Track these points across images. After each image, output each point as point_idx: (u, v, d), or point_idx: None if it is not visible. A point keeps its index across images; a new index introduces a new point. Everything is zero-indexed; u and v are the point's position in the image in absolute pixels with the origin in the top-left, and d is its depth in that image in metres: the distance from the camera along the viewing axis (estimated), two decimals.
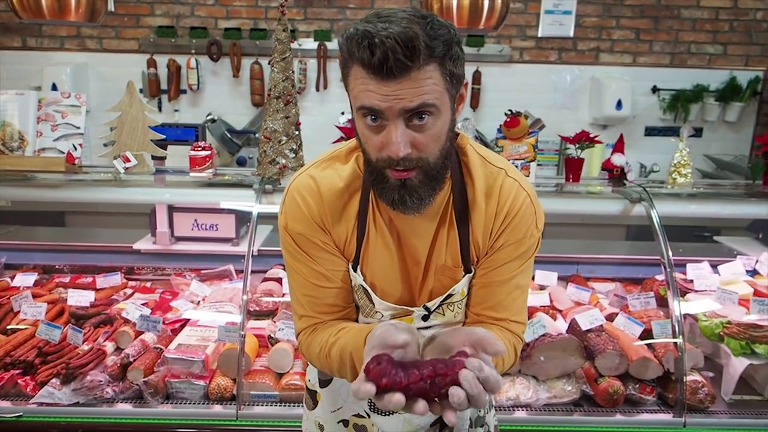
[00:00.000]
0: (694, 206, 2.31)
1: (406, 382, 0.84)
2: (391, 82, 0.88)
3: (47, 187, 2.26)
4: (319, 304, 1.12)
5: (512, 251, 1.07)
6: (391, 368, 0.84)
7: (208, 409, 1.86)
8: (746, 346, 1.94)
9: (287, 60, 2.18)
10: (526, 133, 2.16)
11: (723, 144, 4.40)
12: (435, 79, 0.90)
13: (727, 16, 4.25)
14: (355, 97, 0.93)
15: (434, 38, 0.88)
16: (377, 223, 1.08)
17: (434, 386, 0.84)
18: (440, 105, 0.92)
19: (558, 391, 1.93)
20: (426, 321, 1.11)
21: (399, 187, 0.96)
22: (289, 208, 1.09)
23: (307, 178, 1.09)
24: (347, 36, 0.90)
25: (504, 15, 2.11)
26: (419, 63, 0.88)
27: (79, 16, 1.94)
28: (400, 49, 0.85)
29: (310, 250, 1.09)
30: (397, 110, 0.89)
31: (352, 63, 0.91)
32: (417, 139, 0.93)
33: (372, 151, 0.96)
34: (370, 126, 0.93)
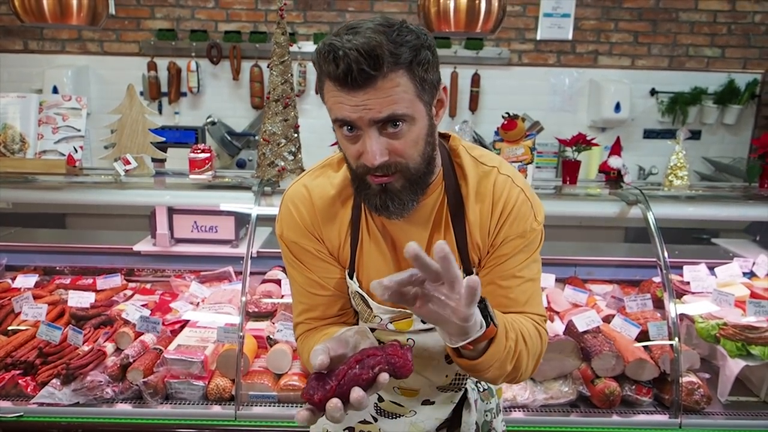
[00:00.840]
0: (690, 208, 2.33)
1: (336, 383, 0.84)
2: (358, 92, 0.89)
3: (48, 189, 2.27)
4: (313, 312, 1.14)
5: (515, 246, 1.06)
6: (318, 382, 0.84)
7: (207, 409, 1.88)
8: (742, 348, 1.95)
9: (286, 63, 2.20)
10: (523, 136, 2.17)
11: (721, 146, 4.41)
12: (404, 86, 0.90)
13: (725, 19, 4.27)
14: (329, 110, 0.95)
15: (400, 45, 0.89)
16: (370, 229, 1.10)
17: (364, 367, 0.84)
18: (412, 112, 0.93)
19: (555, 392, 1.94)
20: (425, 323, 1.12)
21: (380, 192, 0.98)
22: (283, 217, 1.12)
23: (300, 187, 1.11)
24: (317, 50, 0.92)
25: (501, 18, 2.12)
26: (383, 71, 0.88)
27: (80, 20, 1.96)
28: (363, 59, 0.86)
29: (304, 258, 1.11)
30: (368, 120, 0.91)
31: (324, 77, 0.93)
32: (394, 146, 0.94)
33: (351, 160, 0.98)
34: (347, 136, 0.95)
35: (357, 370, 0.85)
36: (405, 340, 1.14)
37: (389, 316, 1.12)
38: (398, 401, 1.21)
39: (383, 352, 0.87)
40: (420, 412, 1.22)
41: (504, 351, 0.95)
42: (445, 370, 1.19)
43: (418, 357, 1.15)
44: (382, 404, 1.23)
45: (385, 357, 0.87)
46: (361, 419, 1.26)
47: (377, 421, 1.24)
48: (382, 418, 1.24)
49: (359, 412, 1.22)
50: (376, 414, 1.24)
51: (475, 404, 1.23)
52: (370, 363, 0.86)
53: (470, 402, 1.22)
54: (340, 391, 0.83)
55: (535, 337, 1.03)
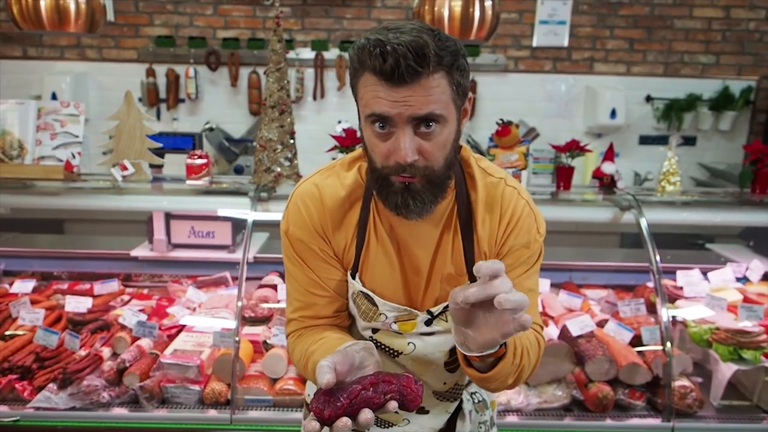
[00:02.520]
0: (683, 214, 2.35)
1: (348, 402, 0.84)
2: (402, 88, 0.91)
3: (46, 194, 2.29)
4: (309, 310, 1.14)
5: (519, 256, 1.09)
6: (330, 398, 0.85)
7: (202, 413, 1.89)
8: (734, 352, 1.96)
9: (282, 70, 2.22)
10: (518, 142, 2.20)
11: (716, 152, 4.44)
12: (443, 88, 0.93)
13: (719, 26, 4.30)
14: (365, 105, 0.96)
15: (442, 48, 0.92)
16: (378, 231, 1.11)
17: (377, 392, 0.85)
18: (447, 114, 0.96)
19: (549, 396, 1.96)
20: (429, 326, 1.13)
21: (403, 191, 0.99)
22: (291, 214, 1.12)
23: (311, 186, 1.12)
24: (358, 46, 0.94)
25: (495, 26, 2.15)
26: (429, 70, 0.91)
27: (78, 27, 1.98)
28: (411, 55, 0.89)
29: (307, 257, 1.12)
30: (406, 117, 0.93)
31: (363, 71, 0.95)
32: (424, 147, 0.96)
33: (379, 159, 0.99)
34: (378, 133, 0.96)
35: (370, 393, 0.86)
36: (406, 344, 1.15)
37: (394, 314, 1.12)
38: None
39: (398, 381, 0.88)
40: (414, 422, 1.22)
41: (510, 367, 0.99)
42: (443, 377, 1.19)
43: (418, 361, 1.17)
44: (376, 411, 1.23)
45: (399, 387, 0.88)
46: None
47: (370, 431, 1.24)
48: (375, 427, 1.24)
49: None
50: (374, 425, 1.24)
51: (470, 415, 1.23)
52: (384, 389, 0.87)
53: (465, 412, 1.23)
54: (350, 410, 0.85)
55: (535, 347, 1.08)
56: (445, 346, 1.16)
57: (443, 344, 1.16)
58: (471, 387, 1.27)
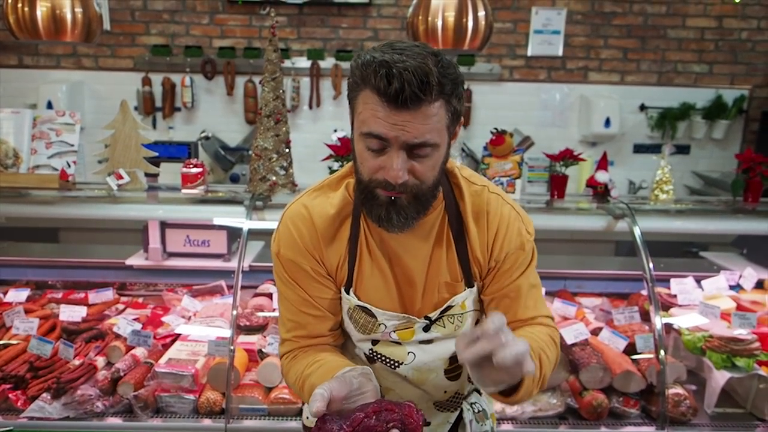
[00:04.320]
0: (675, 222, 2.36)
1: (350, 430, 0.86)
2: (403, 112, 0.93)
3: (41, 203, 2.29)
4: (302, 330, 1.15)
5: (516, 258, 1.13)
6: (333, 425, 0.86)
7: (197, 422, 1.88)
8: (727, 360, 1.97)
9: (277, 80, 2.23)
10: (512, 151, 2.21)
11: (710, 161, 4.47)
12: (440, 117, 0.96)
13: (712, 35, 4.35)
14: (362, 122, 0.97)
15: (444, 76, 0.95)
16: (369, 246, 1.12)
17: (380, 420, 0.86)
18: (440, 141, 0.99)
19: (543, 404, 1.96)
20: (427, 332, 1.15)
21: (387, 204, 1.01)
22: (282, 236, 1.14)
23: (300, 207, 1.13)
24: (363, 62, 0.95)
25: (488, 36, 2.17)
26: (431, 98, 0.93)
27: (74, 37, 1.99)
28: (416, 81, 0.91)
29: (300, 277, 1.13)
30: (402, 141, 0.95)
31: (364, 88, 0.96)
32: (416, 168, 0.98)
33: (366, 172, 1.01)
34: (372, 149, 0.98)
35: (373, 422, 0.87)
36: (406, 354, 1.16)
37: (394, 323, 1.13)
38: None
39: (400, 410, 0.90)
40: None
41: (533, 384, 1.02)
42: (444, 386, 1.20)
43: (418, 371, 1.17)
44: None
45: (401, 415, 0.89)
46: None
47: None
48: None
49: None
50: None
51: (470, 425, 1.24)
52: (387, 417, 0.88)
53: (465, 422, 1.23)
54: None
55: (551, 345, 1.11)
56: (444, 354, 1.17)
57: (443, 352, 1.17)
58: (471, 398, 1.27)
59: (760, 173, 2.31)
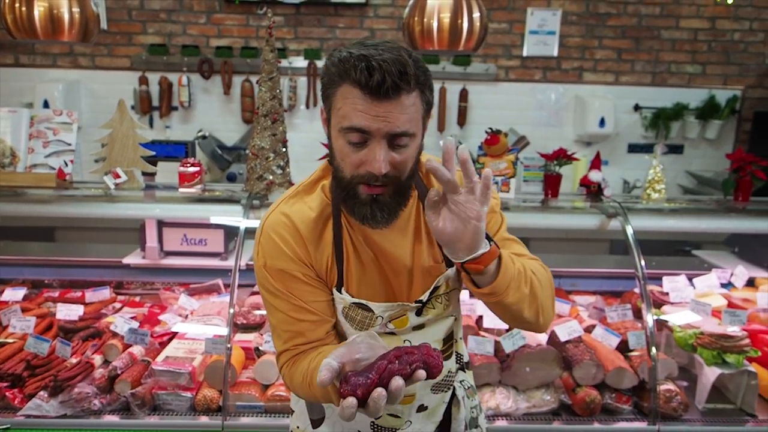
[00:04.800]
0: (667, 221, 2.39)
1: (377, 377, 0.88)
2: (384, 103, 0.96)
3: (38, 202, 2.30)
4: (300, 338, 1.14)
5: (490, 219, 1.16)
6: (359, 378, 0.88)
7: (194, 420, 1.90)
8: (718, 356, 2.00)
9: (274, 80, 2.25)
10: (506, 150, 2.23)
11: (704, 161, 4.50)
12: (417, 107, 1.00)
13: (705, 36, 4.38)
14: (343, 117, 0.99)
15: (418, 68, 0.99)
16: (354, 243, 1.14)
17: (403, 363, 0.90)
18: (417, 131, 1.02)
19: (537, 400, 1.98)
20: (420, 315, 1.18)
21: (371, 202, 1.03)
22: (266, 247, 1.12)
23: (279, 216, 1.13)
24: (339, 59, 0.98)
25: (483, 37, 2.19)
26: (409, 88, 0.97)
27: (72, 37, 2.00)
28: (396, 72, 0.94)
29: (291, 285, 1.12)
30: (384, 132, 0.97)
31: (342, 83, 0.98)
32: (395, 159, 1.01)
33: (348, 168, 1.02)
34: (353, 144, 1.00)
35: (397, 366, 0.89)
36: (402, 342, 1.18)
37: (389, 314, 1.16)
38: (395, 412, 1.23)
39: (419, 351, 0.93)
40: (416, 422, 1.25)
41: (515, 271, 1.03)
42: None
43: None
44: (378, 420, 1.24)
45: (421, 356, 0.92)
46: None
47: None
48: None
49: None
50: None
51: (463, 401, 1.28)
52: (409, 360, 0.90)
53: (459, 399, 1.27)
54: (381, 384, 0.88)
55: (539, 268, 1.13)
56: (437, 336, 1.21)
57: (435, 333, 1.21)
58: (459, 375, 1.30)
59: (750, 172, 2.34)
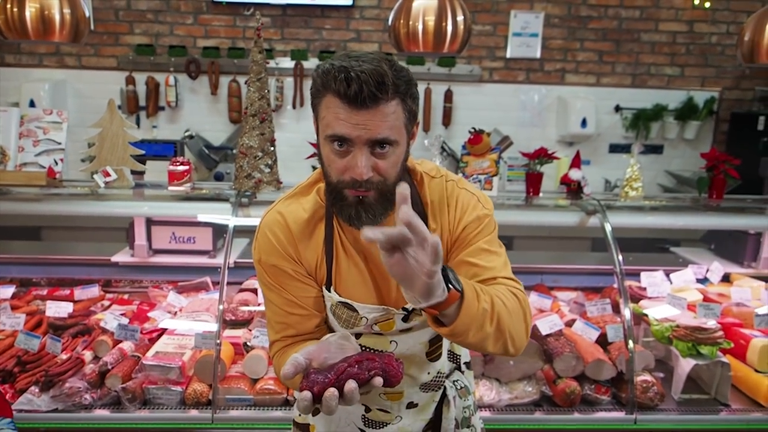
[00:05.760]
0: (644, 218, 2.47)
1: (335, 377, 0.94)
2: (362, 111, 1.01)
3: (28, 201, 2.31)
4: (290, 330, 1.22)
5: (473, 228, 1.18)
6: (318, 376, 0.95)
7: (184, 413, 1.93)
8: (692, 348, 2.08)
9: (263, 80, 2.29)
10: (489, 150, 2.30)
11: (683, 160, 4.62)
12: (397, 114, 1.04)
13: (683, 40, 4.50)
14: (326, 125, 1.05)
15: (399, 78, 1.03)
16: (344, 245, 1.20)
17: (362, 369, 0.95)
18: (399, 138, 1.07)
19: (519, 392, 2.04)
20: (406, 322, 1.22)
21: (356, 204, 1.09)
22: (261, 243, 1.21)
23: (275, 215, 1.21)
24: (323, 70, 1.04)
25: (467, 39, 2.25)
26: (387, 97, 1.02)
27: (63, 37, 2.02)
28: (373, 82, 0.99)
29: (283, 280, 1.20)
30: (365, 139, 1.03)
31: (326, 93, 1.04)
32: (379, 165, 1.06)
33: (334, 173, 1.08)
34: (336, 151, 1.06)
35: (356, 369, 0.95)
36: (389, 343, 1.23)
37: (374, 316, 1.20)
38: (384, 407, 1.29)
39: (380, 359, 0.98)
40: (405, 417, 1.30)
41: (478, 312, 0.99)
42: (426, 368, 1.28)
43: (401, 357, 1.23)
44: (369, 414, 1.30)
45: (381, 364, 0.98)
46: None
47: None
48: (370, 429, 1.31)
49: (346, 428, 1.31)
50: (364, 426, 1.31)
51: (454, 401, 1.32)
52: (368, 366, 0.96)
53: (449, 399, 1.31)
54: (338, 385, 0.94)
55: (511, 297, 1.08)
56: (424, 338, 1.25)
57: (422, 336, 1.25)
58: (453, 375, 1.35)
59: (723, 171, 2.43)
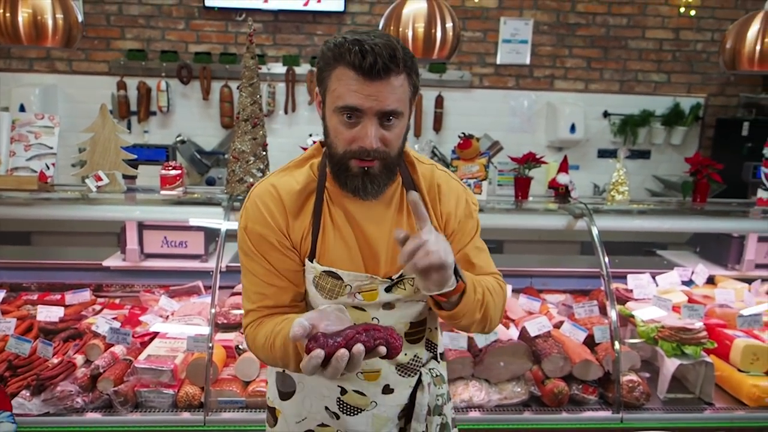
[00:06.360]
0: (630, 221, 2.51)
1: (344, 343, 1.00)
2: (375, 83, 1.07)
3: (19, 205, 2.31)
4: (268, 300, 1.25)
5: (464, 225, 1.30)
6: (327, 339, 1.00)
7: (176, 416, 1.94)
8: (677, 348, 2.12)
9: (254, 85, 2.31)
10: (478, 154, 2.33)
11: (670, 165, 4.69)
12: (405, 88, 1.12)
13: (670, 47, 4.58)
14: (337, 97, 1.11)
15: (406, 53, 1.11)
16: (333, 217, 1.24)
17: (369, 337, 1.01)
18: (405, 111, 1.14)
19: (508, 392, 2.07)
20: (389, 292, 1.26)
21: (362, 175, 1.15)
22: (250, 212, 1.24)
23: (267, 185, 1.26)
24: (335, 43, 1.11)
25: (455, 46, 2.29)
26: (398, 70, 1.09)
27: (55, 42, 2.04)
28: (386, 54, 1.07)
29: (266, 250, 1.23)
30: (375, 110, 1.09)
31: (338, 65, 1.10)
32: (385, 136, 1.13)
33: (341, 144, 1.14)
34: (345, 122, 1.12)
35: (364, 337, 1.02)
36: (370, 319, 1.26)
37: (358, 284, 1.24)
38: (361, 388, 1.30)
39: (385, 331, 1.05)
40: (381, 403, 1.32)
41: (473, 302, 1.17)
42: (405, 347, 1.30)
43: None
44: (344, 397, 1.31)
45: (385, 335, 1.04)
46: (320, 422, 1.34)
47: (339, 419, 1.32)
48: (344, 416, 1.32)
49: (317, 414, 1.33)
50: (339, 411, 1.32)
51: (428, 387, 1.35)
52: (375, 335, 1.03)
53: (424, 385, 1.34)
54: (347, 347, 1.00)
55: (497, 289, 1.28)
56: (405, 318, 1.30)
57: (404, 317, 1.29)
58: (429, 364, 1.38)
59: (707, 175, 2.48)
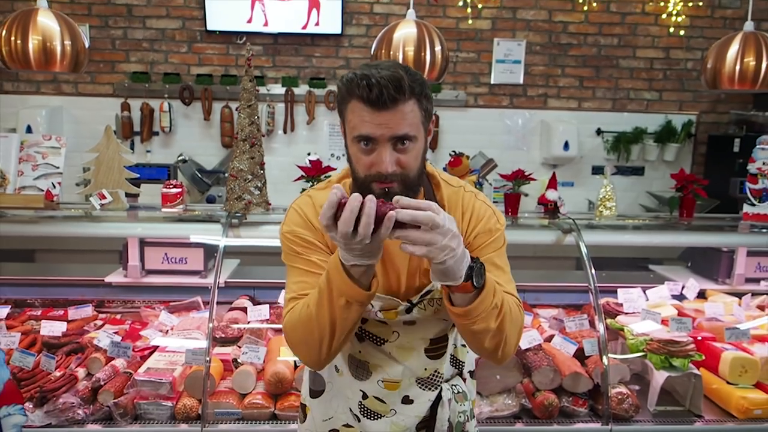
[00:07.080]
0: (620, 236, 2.58)
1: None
2: (383, 112, 1.15)
3: (25, 222, 2.39)
4: (309, 289, 1.29)
5: (484, 239, 1.30)
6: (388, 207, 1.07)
7: (174, 427, 1.98)
8: (665, 360, 2.16)
9: (253, 107, 2.40)
10: (468, 172, 2.41)
11: (663, 181, 4.76)
12: (415, 113, 1.18)
13: (660, 65, 4.68)
14: (353, 128, 1.19)
15: (413, 81, 1.18)
16: None
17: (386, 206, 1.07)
18: (418, 134, 1.21)
19: (499, 405, 2.11)
20: (409, 313, 1.31)
21: (383, 196, 1.21)
22: (290, 218, 1.35)
23: (305, 197, 1.37)
24: (347, 79, 1.20)
25: (444, 67, 2.38)
26: (404, 98, 1.16)
27: (63, 67, 2.13)
28: (391, 86, 1.14)
29: (308, 247, 1.31)
30: (387, 137, 1.17)
31: (351, 99, 1.19)
32: (401, 159, 1.20)
33: (362, 169, 1.22)
34: (363, 149, 1.20)
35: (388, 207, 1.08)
36: (392, 333, 1.33)
37: (380, 304, 1.30)
38: (381, 396, 1.36)
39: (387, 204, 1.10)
40: (400, 412, 1.38)
41: (490, 306, 1.16)
42: (424, 363, 1.36)
43: (401, 348, 1.35)
44: (365, 401, 1.38)
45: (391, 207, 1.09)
46: (345, 423, 1.41)
47: (360, 422, 1.39)
48: (365, 419, 1.39)
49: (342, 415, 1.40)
50: (360, 414, 1.39)
51: (449, 403, 1.39)
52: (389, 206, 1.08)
53: (444, 400, 1.39)
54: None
55: (516, 308, 1.25)
56: (425, 334, 1.35)
57: (423, 332, 1.35)
58: (453, 380, 1.44)
59: (692, 191, 2.55)
